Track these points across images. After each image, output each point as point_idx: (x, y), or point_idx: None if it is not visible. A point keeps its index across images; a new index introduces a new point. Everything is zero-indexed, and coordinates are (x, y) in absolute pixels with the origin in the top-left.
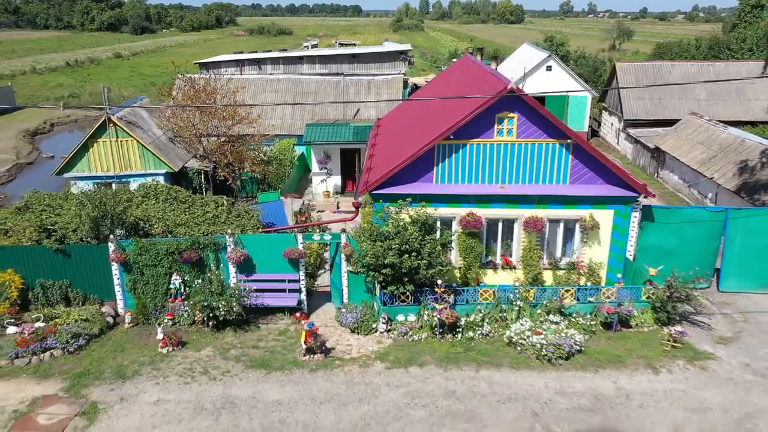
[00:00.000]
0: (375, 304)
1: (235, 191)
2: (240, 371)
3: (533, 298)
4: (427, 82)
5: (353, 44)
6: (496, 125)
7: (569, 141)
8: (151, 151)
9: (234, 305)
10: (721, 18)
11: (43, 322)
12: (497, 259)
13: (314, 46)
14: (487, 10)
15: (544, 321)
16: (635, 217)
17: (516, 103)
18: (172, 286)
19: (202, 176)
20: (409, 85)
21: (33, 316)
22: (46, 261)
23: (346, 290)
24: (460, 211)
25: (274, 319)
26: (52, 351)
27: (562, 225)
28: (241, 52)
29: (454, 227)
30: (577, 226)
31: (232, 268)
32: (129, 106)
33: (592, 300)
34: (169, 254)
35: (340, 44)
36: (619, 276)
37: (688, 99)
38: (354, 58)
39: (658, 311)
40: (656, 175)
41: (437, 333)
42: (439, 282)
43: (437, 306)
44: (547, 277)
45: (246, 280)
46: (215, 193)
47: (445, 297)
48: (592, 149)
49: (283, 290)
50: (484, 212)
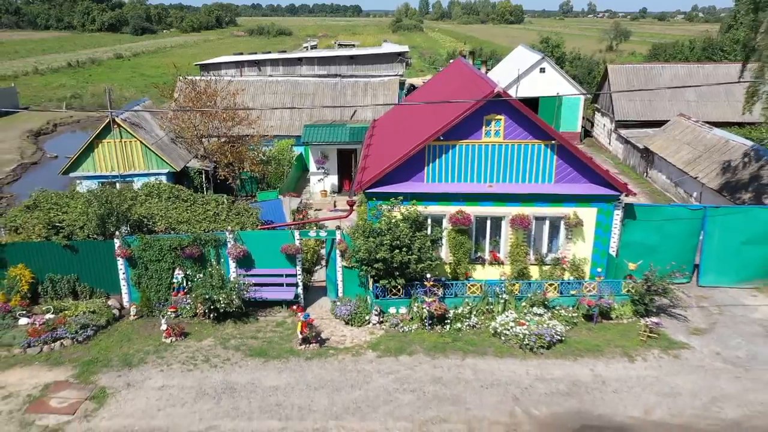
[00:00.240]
0: (368, 297)
1: (235, 190)
2: (239, 359)
3: (518, 292)
4: (424, 82)
5: (352, 45)
6: (484, 127)
7: (554, 142)
8: (154, 152)
9: (234, 298)
10: (720, 18)
11: (52, 313)
12: (486, 255)
13: (314, 47)
14: (486, 10)
15: (528, 313)
16: (617, 215)
17: (503, 106)
18: (174, 281)
19: (203, 176)
20: (406, 85)
21: (43, 308)
22: (54, 256)
23: (340, 284)
24: (450, 209)
25: (272, 311)
26: (62, 340)
27: (548, 222)
28: (241, 53)
29: (445, 224)
30: (562, 223)
31: (232, 264)
32: (133, 111)
33: (574, 293)
34: (172, 250)
35: (340, 45)
36: (599, 270)
37: (678, 100)
38: (352, 60)
39: (637, 304)
40: (645, 174)
41: (427, 324)
42: (429, 276)
43: (427, 299)
44: (534, 272)
45: (245, 275)
46: (216, 192)
47: (435, 290)
48: (576, 150)
49: (281, 284)
50: (473, 210)
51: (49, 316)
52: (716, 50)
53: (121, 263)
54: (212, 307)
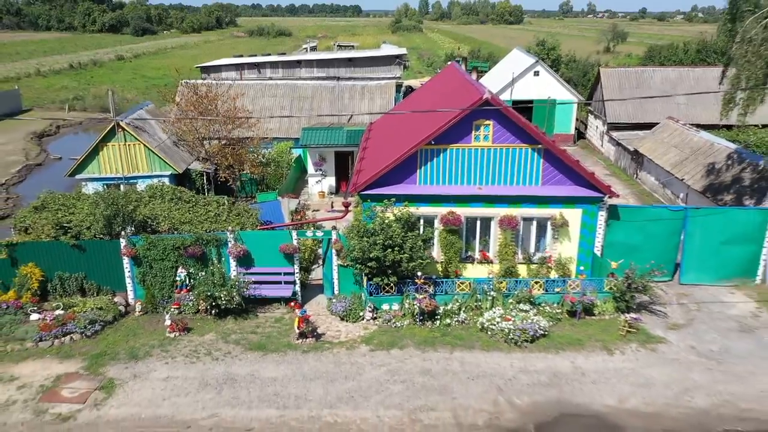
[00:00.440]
0: (362, 294)
1: (236, 192)
2: (240, 353)
3: (505, 289)
4: (422, 84)
5: (352, 46)
6: (474, 132)
7: (540, 146)
8: (157, 154)
9: (234, 295)
10: (718, 18)
11: (62, 310)
12: (476, 254)
13: (313, 48)
14: (486, 10)
15: (514, 309)
16: (602, 216)
17: (491, 112)
18: (178, 278)
19: (205, 178)
20: (403, 87)
21: (53, 305)
22: (63, 255)
23: (336, 282)
24: (441, 210)
25: (270, 308)
26: (71, 335)
27: (535, 223)
28: (241, 56)
29: (436, 225)
30: (549, 223)
31: (233, 262)
32: (144, 119)
33: (559, 291)
34: (175, 249)
35: (339, 46)
36: (581, 269)
37: (668, 103)
38: (351, 62)
39: (618, 301)
40: (635, 176)
41: (418, 320)
42: (419, 274)
43: (418, 296)
44: (522, 271)
45: (245, 273)
46: (217, 194)
47: (425, 288)
48: (562, 153)
49: (279, 282)
50: (464, 211)
51: (59, 312)
52: (710, 52)
53: (126, 262)
54: (214, 304)
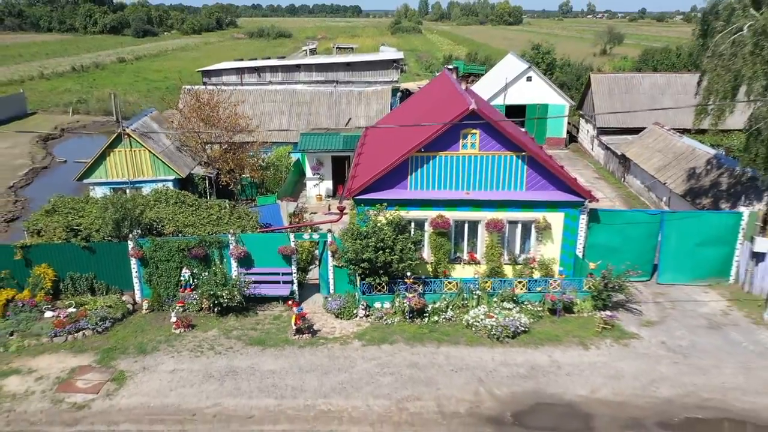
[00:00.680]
0: (356, 293)
1: (236, 195)
2: (241, 347)
3: (490, 288)
4: (419, 88)
5: (351, 48)
6: (461, 140)
7: (524, 153)
8: (161, 160)
9: (235, 294)
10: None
11: (74, 308)
12: (464, 255)
13: (313, 50)
14: (485, 11)
15: (498, 307)
16: (583, 219)
17: (478, 121)
18: (182, 278)
19: (207, 182)
20: (400, 91)
21: (66, 303)
22: (74, 257)
23: (332, 282)
24: (431, 214)
25: (269, 306)
26: (84, 331)
27: (520, 226)
28: (241, 59)
29: (426, 228)
30: (533, 226)
31: (234, 263)
32: (154, 132)
33: (540, 290)
34: (180, 251)
35: (338, 48)
36: (561, 269)
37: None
38: (349, 66)
39: (596, 299)
40: (623, 179)
41: (407, 317)
42: (409, 274)
43: (408, 294)
44: (508, 271)
45: (246, 273)
46: (218, 197)
47: (415, 287)
48: (545, 161)
49: (278, 282)
50: (452, 215)
51: (71, 310)
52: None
53: (134, 263)
54: (216, 302)
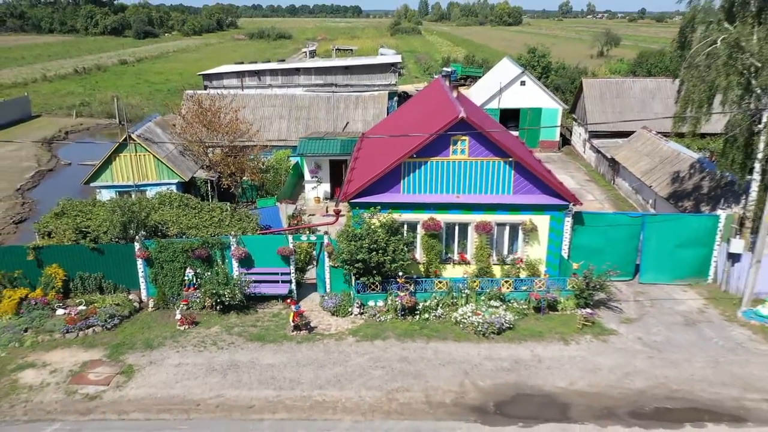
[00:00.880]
0: (351, 292)
1: (237, 197)
2: (242, 343)
3: (479, 287)
4: (417, 90)
5: (350, 50)
6: (452, 146)
7: (511, 159)
8: (165, 164)
9: (237, 293)
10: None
11: (84, 306)
12: (455, 256)
13: (312, 52)
14: (485, 12)
15: (485, 305)
16: (568, 221)
17: (467, 129)
18: (186, 278)
19: (209, 185)
20: (397, 94)
21: (76, 301)
22: (83, 257)
23: (328, 281)
24: (423, 217)
25: (269, 304)
26: (93, 327)
27: (508, 228)
28: (242, 62)
29: (419, 230)
30: (520, 228)
31: (235, 263)
32: (163, 142)
33: (525, 289)
34: (184, 252)
35: (337, 50)
36: (544, 269)
37: (646, 113)
38: (347, 70)
39: (578, 298)
40: (613, 182)
41: (399, 315)
42: (400, 273)
43: (400, 293)
44: (497, 271)
45: (246, 273)
46: (220, 200)
47: (407, 286)
48: (531, 166)
49: (277, 281)
50: (443, 217)
51: (82, 308)
52: None
53: (140, 263)
54: (218, 301)
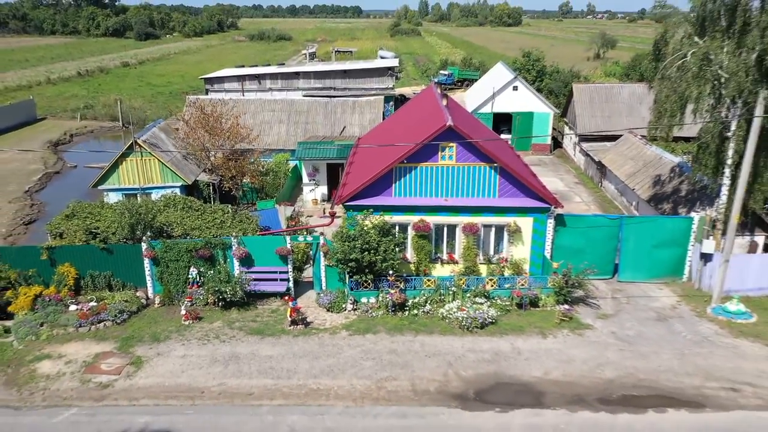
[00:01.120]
0: (345, 289)
1: (238, 199)
2: (242, 336)
3: (465, 285)
4: (414, 93)
5: (350, 51)
6: (440, 152)
7: (497, 164)
8: (169, 168)
9: (238, 290)
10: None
11: (95, 302)
12: (443, 256)
13: (312, 54)
14: (484, 12)
15: (470, 302)
16: (550, 223)
17: (455, 136)
18: (190, 276)
19: (211, 187)
20: (395, 98)
21: (87, 298)
22: (93, 257)
23: (324, 279)
24: (413, 218)
25: (268, 301)
26: (104, 322)
27: (494, 229)
28: (242, 65)
29: (409, 231)
30: (505, 230)
31: (236, 263)
32: (168, 151)
33: (508, 286)
34: (188, 252)
35: (337, 51)
36: (526, 268)
37: (634, 117)
38: (345, 74)
39: (558, 295)
40: (600, 184)
41: (390, 310)
42: (391, 272)
43: (390, 290)
44: (483, 270)
45: (247, 272)
46: (221, 202)
47: (397, 284)
48: (515, 171)
49: (275, 279)
50: (432, 219)
51: (93, 304)
52: None
53: (147, 262)
54: (220, 297)
